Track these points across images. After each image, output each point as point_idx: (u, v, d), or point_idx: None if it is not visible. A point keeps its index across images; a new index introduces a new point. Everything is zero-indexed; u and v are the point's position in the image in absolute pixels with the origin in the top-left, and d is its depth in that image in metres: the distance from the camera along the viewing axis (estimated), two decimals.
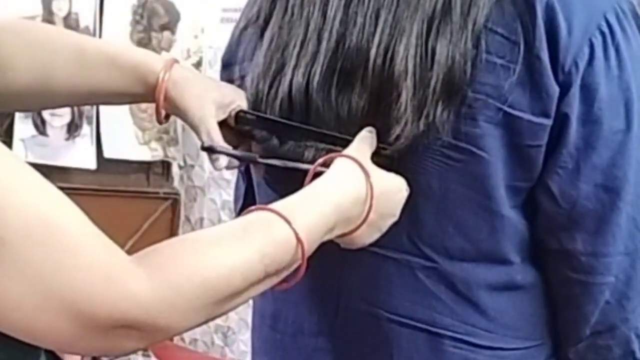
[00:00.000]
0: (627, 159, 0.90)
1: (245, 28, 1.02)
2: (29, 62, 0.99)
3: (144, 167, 3.19)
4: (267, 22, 0.97)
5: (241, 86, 1.04)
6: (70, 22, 2.90)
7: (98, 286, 0.69)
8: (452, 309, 0.94)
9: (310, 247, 0.82)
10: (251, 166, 1.06)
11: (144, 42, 3.08)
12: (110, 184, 3.05)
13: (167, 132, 3.18)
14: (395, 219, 0.90)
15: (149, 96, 0.99)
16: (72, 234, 0.69)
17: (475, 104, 0.88)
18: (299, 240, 0.80)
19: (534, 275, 0.96)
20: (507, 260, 0.94)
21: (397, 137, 0.88)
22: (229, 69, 1.06)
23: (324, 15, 0.92)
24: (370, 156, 0.90)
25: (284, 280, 0.82)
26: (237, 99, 0.97)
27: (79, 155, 2.89)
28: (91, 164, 2.93)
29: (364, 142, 0.90)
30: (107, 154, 2.99)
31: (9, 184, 0.68)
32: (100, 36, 2.97)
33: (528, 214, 0.94)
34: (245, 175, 1.11)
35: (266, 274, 0.79)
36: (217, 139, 0.95)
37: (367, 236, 0.89)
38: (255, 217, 0.81)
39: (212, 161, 0.96)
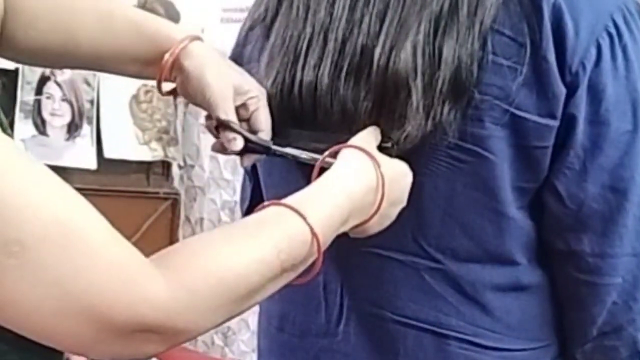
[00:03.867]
0: (634, 159, 0.90)
1: (251, 28, 1.02)
2: (53, 24, 0.97)
3: (144, 167, 3.19)
4: (273, 22, 0.97)
5: None
6: None
7: (117, 289, 0.68)
8: (458, 310, 0.94)
9: (325, 241, 0.81)
10: (257, 165, 1.06)
11: None
12: (110, 184, 3.05)
13: (167, 132, 3.18)
14: (403, 204, 0.90)
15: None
16: (90, 237, 0.68)
17: (482, 105, 0.88)
18: (314, 234, 0.79)
19: (540, 276, 0.96)
20: (513, 261, 0.94)
21: (406, 137, 0.88)
22: None
23: (330, 14, 0.91)
24: (375, 147, 0.90)
25: (300, 276, 0.82)
26: (255, 90, 0.95)
27: (79, 155, 2.89)
28: (91, 164, 2.93)
29: (369, 134, 0.90)
30: (108, 154, 2.98)
31: (26, 184, 0.67)
32: None
33: (534, 215, 0.94)
34: (252, 175, 1.11)
35: (282, 270, 0.78)
36: (235, 120, 0.94)
37: (378, 225, 0.89)
38: (269, 212, 0.81)
39: (229, 141, 0.93)
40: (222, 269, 0.74)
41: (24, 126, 2.76)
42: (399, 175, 0.89)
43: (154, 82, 0.99)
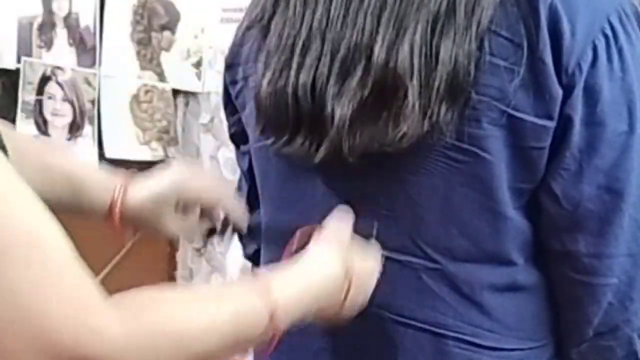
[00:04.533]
0: (630, 161, 0.90)
1: (248, 28, 1.02)
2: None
3: (144, 167, 3.18)
4: (270, 22, 0.96)
5: (245, 87, 1.04)
6: (71, 22, 2.90)
7: (70, 314, 0.66)
8: (455, 309, 0.95)
9: (282, 325, 0.83)
10: (254, 165, 1.07)
11: (144, 42, 3.08)
12: None
13: (167, 132, 3.18)
14: (369, 294, 0.93)
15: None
16: (55, 255, 0.67)
17: (479, 105, 0.88)
18: (272, 316, 0.81)
19: (537, 276, 0.97)
20: (510, 262, 0.94)
21: (402, 136, 0.88)
22: (233, 70, 1.06)
23: (327, 14, 0.91)
24: (350, 232, 0.93)
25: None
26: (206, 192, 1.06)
27: (81, 155, 2.89)
28: (93, 163, 2.93)
29: (341, 220, 0.93)
30: (108, 154, 2.99)
31: (2, 194, 0.67)
32: (100, 36, 2.97)
33: (531, 216, 0.94)
34: (248, 175, 1.11)
35: (236, 342, 0.80)
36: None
37: (346, 314, 0.92)
38: (236, 285, 0.83)
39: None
40: (180, 325, 0.74)
41: (25, 126, 2.77)
42: (368, 267, 0.93)
43: (154, 82, 1.00)
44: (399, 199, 0.94)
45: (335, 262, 0.90)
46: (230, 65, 1.07)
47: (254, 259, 1.12)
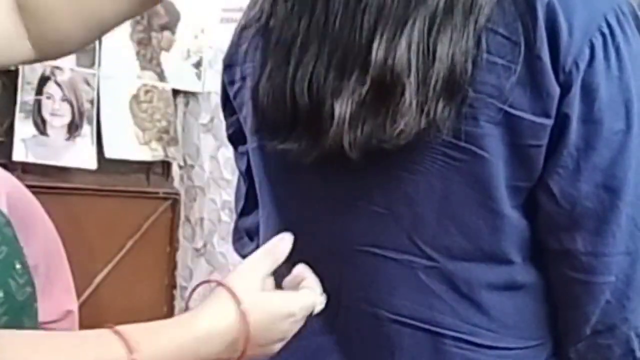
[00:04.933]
0: (627, 159, 0.90)
1: (246, 27, 1.02)
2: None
3: (144, 167, 3.19)
4: (268, 21, 0.97)
5: (243, 87, 1.04)
6: None
7: None
8: (453, 308, 0.94)
9: None
10: (252, 165, 1.06)
11: (144, 42, 3.09)
12: (110, 184, 3.05)
13: (167, 132, 3.18)
14: (287, 340, 0.89)
15: None
16: None
17: (476, 103, 0.89)
18: None
19: (535, 275, 0.96)
20: (508, 260, 0.94)
21: (399, 133, 0.88)
22: (231, 70, 1.06)
23: (326, 13, 0.91)
24: (268, 272, 0.89)
25: None
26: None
27: (80, 155, 2.89)
28: (91, 164, 2.93)
29: (259, 263, 0.89)
30: (108, 154, 2.99)
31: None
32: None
33: (529, 214, 0.94)
34: (247, 175, 1.11)
35: None
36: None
37: None
38: (97, 334, 0.79)
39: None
40: None
41: (24, 126, 2.76)
42: (276, 318, 0.87)
43: (154, 82, 0.99)
44: (397, 198, 0.94)
45: (228, 319, 0.84)
46: (228, 66, 1.07)
47: None
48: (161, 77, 3.10)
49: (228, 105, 1.10)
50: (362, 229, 0.96)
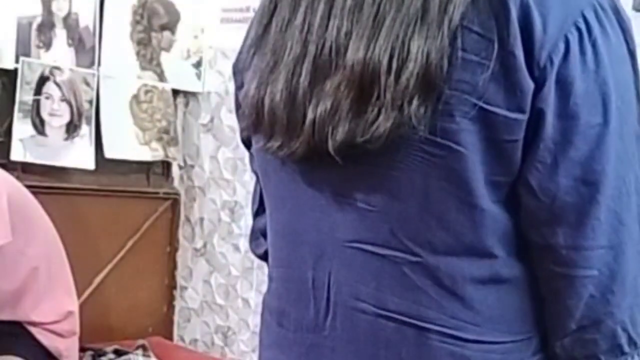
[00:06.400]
0: (606, 153, 0.90)
1: (248, 37, 1.05)
2: None
3: (144, 167, 3.20)
4: (265, 29, 1.00)
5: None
6: (70, 22, 2.91)
7: None
8: (438, 303, 0.95)
9: None
10: (257, 167, 1.09)
11: (144, 42, 3.09)
12: (110, 184, 3.06)
13: (167, 132, 3.19)
14: None
15: None
16: None
17: (452, 100, 0.89)
18: None
19: (520, 269, 0.96)
20: (491, 254, 0.94)
21: (376, 131, 0.89)
22: (236, 77, 1.11)
23: (309, 21, 0.94)
24: None
25: None
26: None
27: (78, 155, 2.90)
28: (90, 164, 2.94)
29: None
30: (108, 154, 2.99)
31: None
32: (100, 36, 2.98)
33: (511, 209, 0.94)
34: (257, 176, 1.14)
35: None
36: None
37: None
38: None
39: None
40: None
41: (22, 126, 2.77)
42: None
43: (154, 82, 1.01)
44: (380, 194, 0.95)
45: None
46: (234, 72, 1.11)
47: (266, 258, 1.14)
48: (161, 77, 3.11)
49: (239, 109, 1.12)
50: (348, 225, 0.97)
